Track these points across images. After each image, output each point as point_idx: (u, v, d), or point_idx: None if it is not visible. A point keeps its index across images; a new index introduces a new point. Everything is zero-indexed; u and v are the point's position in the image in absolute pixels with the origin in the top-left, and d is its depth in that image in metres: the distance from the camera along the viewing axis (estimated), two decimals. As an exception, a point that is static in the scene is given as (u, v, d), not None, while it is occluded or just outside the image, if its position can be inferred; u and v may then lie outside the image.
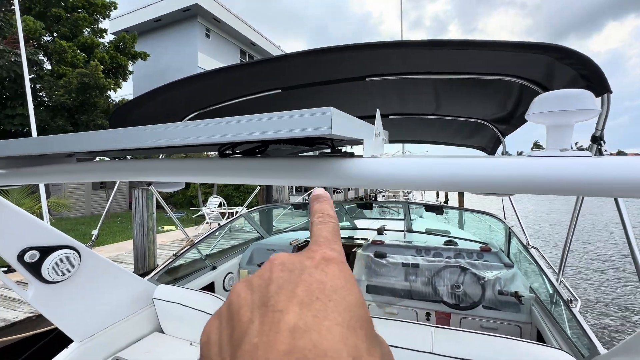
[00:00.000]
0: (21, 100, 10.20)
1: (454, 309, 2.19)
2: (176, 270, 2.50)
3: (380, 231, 3.28)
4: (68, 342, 1.37)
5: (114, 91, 12.96)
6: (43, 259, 1.16)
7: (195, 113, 2.04)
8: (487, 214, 3.25)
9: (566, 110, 0.44)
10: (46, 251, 1.17)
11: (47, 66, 12.07)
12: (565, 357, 1.09)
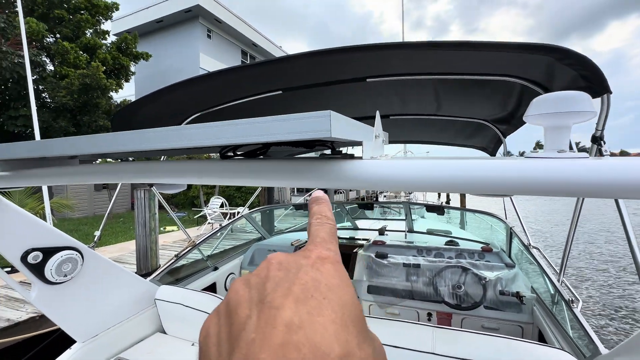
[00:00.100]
0: (24, 102, 10.27)
1: (455, 309, 2.18)
2: (178, 270, 2.50)
3: (381, 231, 3.28)
4: (71, 343, 1.38)
5: (115, 92, 13.00)
6: (46, 260, 1.17)
7: (197, 114, 2.05)
8: (488, 214, 3.25)
9: (563, 112, 0.44)
10: (49, 252, 1.18)
11: (50, 67, 12.14)
12: (567, 357, 1.09)
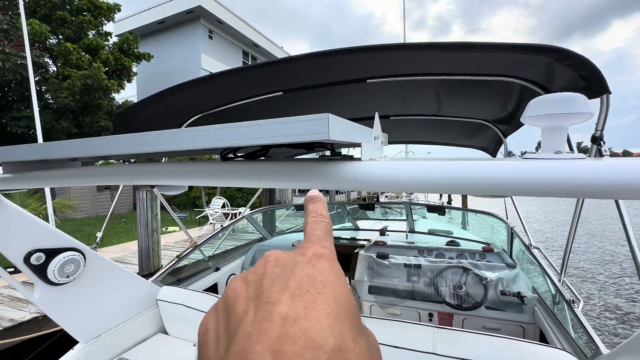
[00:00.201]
0: (27, 103, 10.33)
1: (456, 310, 2.18)
2: (179, 271, 2.51)
3: (382, 232, 3.28)
4: (73, 343, 1.39)
5: (117, 92, 13.05)
6: (49, 261, 1.18)
7: (199, 115, 2.06)
8: (489, 214, 3.24)
9: (560, 113, 0.45)
10: (52, 253, 1.19)
11: (52, 68, 12.20)
12: (568, 358, 1.09)
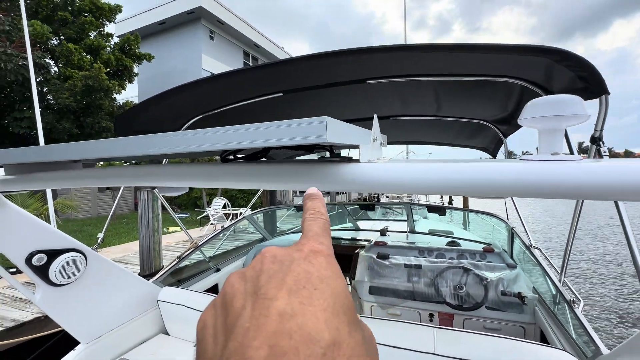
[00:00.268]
0: (29, 104, 10.38)
1: (456, 310, 2.18)
2: (180, 272, 2.52)
3: (383, 232, 3.28)
4: (75, 344, 1.40)
5: (118, 93, 13.08)
6: (50, 262, 1.19)
7: (200, 116, 2.06)
8: (489, 214, 3.24)
9: (556, 115, 0.45)
10: (53, 254, 1.20)
11: (54, 69, 12.24)
12: (568, 358, 1.09)
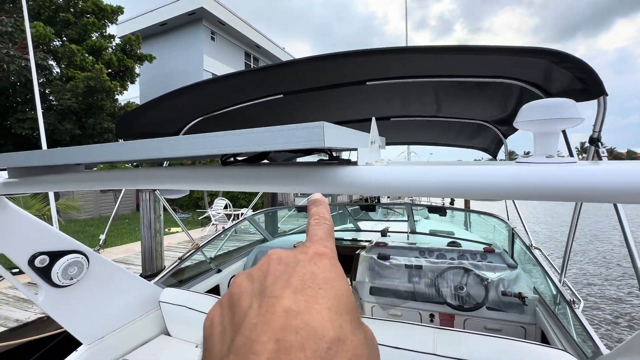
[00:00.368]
0: (31, 105, 10.43)
1: (457, 311, 2.18)
2: (182, 273, 2.53)
3: (383, 233, 3.28)
4: (77, 345, 1.40)
5: (120, 94, 13.12)
6: (53, 263, 1.19)
7: (200, 118, 2.07)
8: (490, 215, 3.24)
9: (551, 118, 0.45)
10: (56, 256, 1.20)
11: (56, 70, 12.29)
12: (568, 358, 1.09)
